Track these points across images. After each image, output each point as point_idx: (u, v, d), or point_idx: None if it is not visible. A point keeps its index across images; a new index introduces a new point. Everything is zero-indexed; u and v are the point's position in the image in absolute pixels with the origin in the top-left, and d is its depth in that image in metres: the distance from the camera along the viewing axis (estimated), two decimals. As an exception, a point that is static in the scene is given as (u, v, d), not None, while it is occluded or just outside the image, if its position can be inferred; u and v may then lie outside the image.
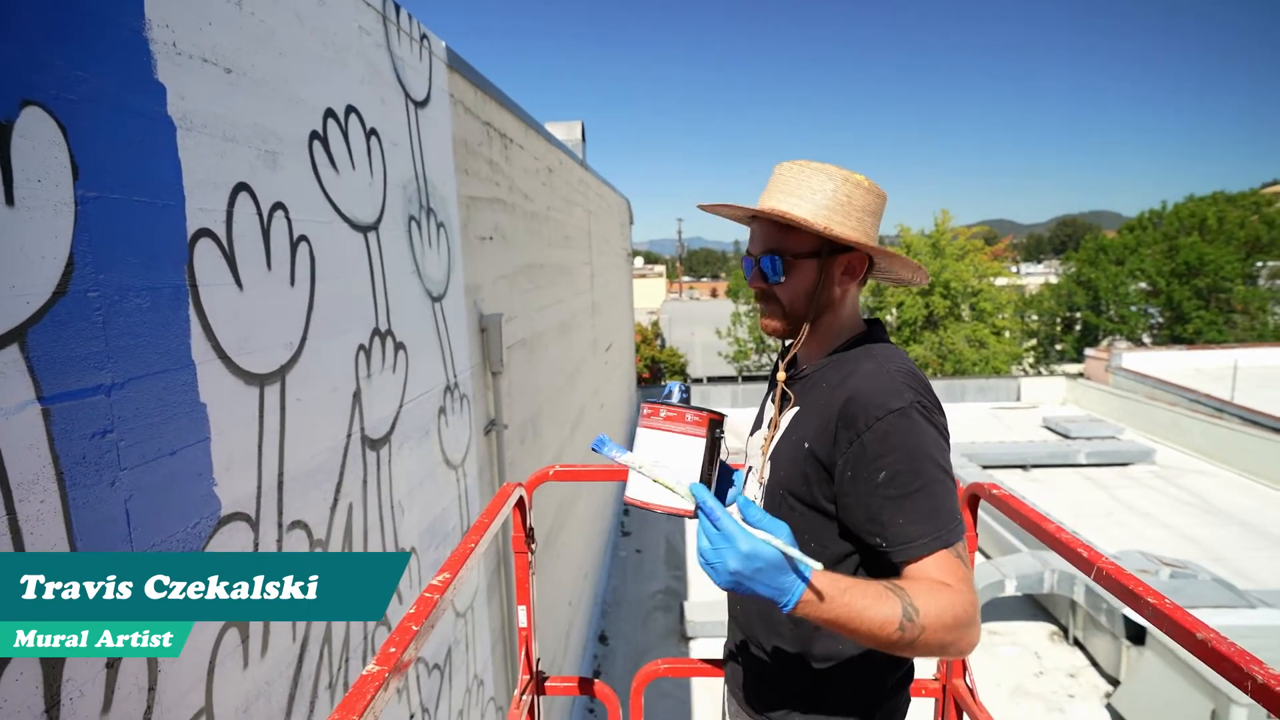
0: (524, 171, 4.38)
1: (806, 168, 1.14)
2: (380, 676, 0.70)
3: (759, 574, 0.84)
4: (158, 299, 1.21)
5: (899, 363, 1.07)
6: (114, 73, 1.13)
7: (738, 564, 0.84)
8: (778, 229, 1.13)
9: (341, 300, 1.90)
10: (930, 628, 0.88)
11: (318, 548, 1.76)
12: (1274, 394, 17.19)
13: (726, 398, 21.38)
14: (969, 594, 0.92)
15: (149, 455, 1.19)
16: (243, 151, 1.47)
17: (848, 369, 1.08)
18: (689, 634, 8.94)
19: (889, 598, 0.88)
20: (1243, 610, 7.65)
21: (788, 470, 1.10)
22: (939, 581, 0.93)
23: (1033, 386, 21.96)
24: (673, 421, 1.04)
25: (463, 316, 2.96)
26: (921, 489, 0.96)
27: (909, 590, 0.90)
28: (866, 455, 0.98)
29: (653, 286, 47.31)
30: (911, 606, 0.88)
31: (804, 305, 1.13)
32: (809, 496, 1.07)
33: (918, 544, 0.95)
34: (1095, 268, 28.42)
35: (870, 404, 0.99)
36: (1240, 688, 0.73)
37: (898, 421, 0.97)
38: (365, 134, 2.07)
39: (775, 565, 0.84)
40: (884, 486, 0.96)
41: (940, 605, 0.89)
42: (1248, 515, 12.43)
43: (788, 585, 0.85)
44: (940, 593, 0.91)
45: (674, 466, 1.02)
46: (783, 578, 0.85)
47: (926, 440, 0.98)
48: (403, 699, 2.25)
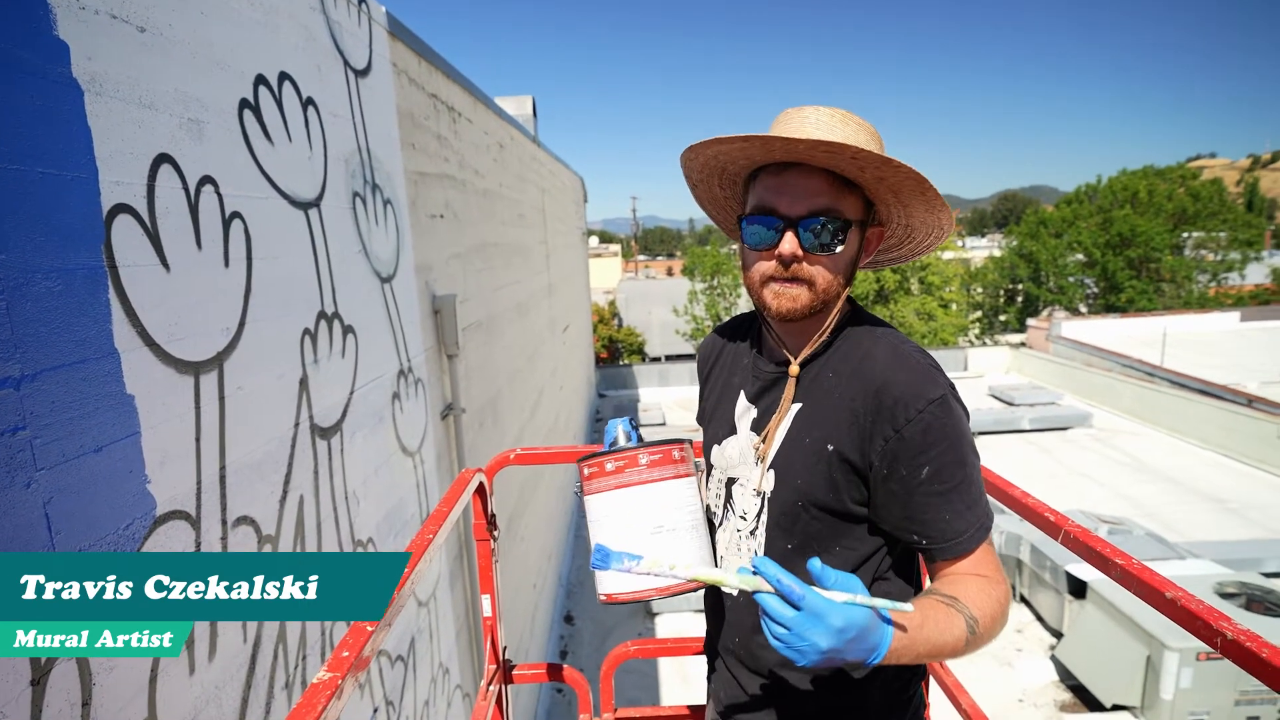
0: (474, 147, 4.23)
1: (849, 116, 0.93)
2: (333, 684, 0.64)
3: (852, 643, 0.75)
4: (70, 281, 1.10)
5: (911, 344, 0.97)
6: (3, 26, 1.01)
7: (831, 641, 0.73)
8: (832, 183, 0.91)
9: (283, 282, 1.79)
10: (985, 631, 0.86)
11: (267, 543, 1.67)
12: (1199, 358, 18.23)
13: (685, 375, 21.48)
14: (1005, 582, 0.90)
15: (70, 453, 1.09)
16: (163, 120, 1.34)
17: (857, 354, 0.96)
18: (654, 609, 9.03)
19: (954, 616, 0.84)
20: (1173, 561, 8.13)
21: (807, 479, 0.95)
22: (979, 575, 0.89)
23: (979, 356, 22.76)
24: (660, 466, 0.85)
25: (414, 298, 2.85)
26: (964, 480, 0.90)
27: (961, 598, 0.86)
28: (907, 451, 0.88)
29: (608, 266, 47.04)
30: (972, 619, 0.85)
31: (841, 285, 0.96)
32: (837, 504, 0.94)
33: (964, 539, 0.89)
34: (1036, 241, 29.46)
35: (908, 395, 0.89)
36: (1210, 644, 0.73)
37: (939, 412, 0.88)
38: (301, 104, 1.94)
39: (868, 627, 0.76)
40: (928, 483, 0.89)
41: (991, 607, 0.87)
42: (1176, 473, 13.21)
43: (878, 640, 0.77)
44: (987, 591, 0.88)
45: (679, 526, 0.85)
46: (874, 635, 0.77)
47: (964, 427, 0.91)
48: (364, 695, 2.18)
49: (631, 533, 0.83)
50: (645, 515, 0.83)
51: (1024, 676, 7.85)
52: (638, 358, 26.50)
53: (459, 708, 3.26)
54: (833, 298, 0.96)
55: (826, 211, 0.90)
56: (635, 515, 0.83)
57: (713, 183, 1.09)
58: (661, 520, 0.83)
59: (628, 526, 0.84)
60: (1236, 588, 7.35)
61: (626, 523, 0.84)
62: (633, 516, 0.83)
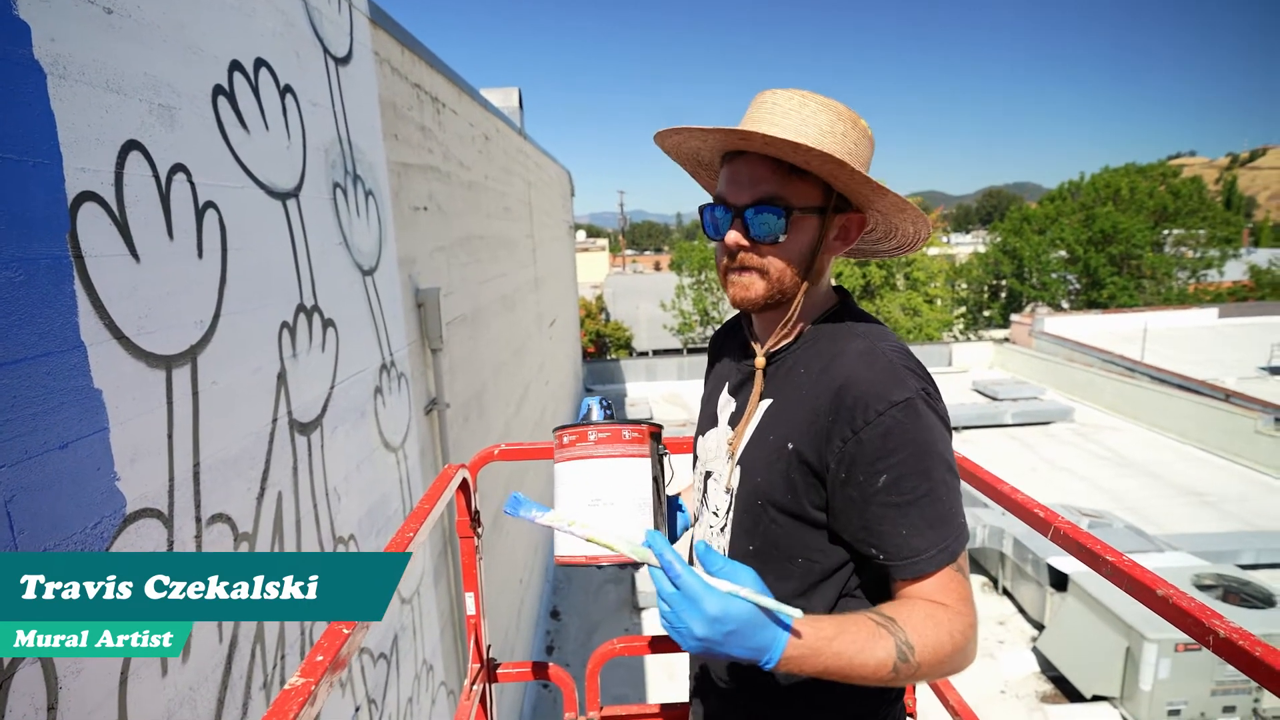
0: (459, 138, 4.17)
1: (809, 98, 0.89)
2: (306, 690, 0.62)
3: (732, 637, 0.72)
4: (32, 271, 1.06)
5: (892, 341, 0.90)
6: (-42, 4, 0.97)
7: (705, 629, 0.72)
8: (776, 171, 0.88)
9: (259, 274, 1.74)
10: (925, 664, 0.78)
11: (243, 541, 1.63)
12: (1179, 353, 18.51)
13: (673, 370, 21.51)
14: (968, 615, 0.81)
15: (33, 449, 1.05)
16: (132, 105, 1.30)
17: (831, 350, 0.91)
18: (640, 604, 9.04)
19: (882, 637, 0.77)
20: (1152, 554, 8.27)
21: (766, 477, 0.91)
22: (935, 603, 0.81)
23: (963, 352, 22.98)
24: (607, 444, 0.87)
25: (397, 291, 2.80)
26: (927, 494, 0.82)
27: (901, 622, 0.79)
28: (865, 456, 0.82)
29: (596, 260, 46.92)
30: (906, 645, 0.77)
31: (797, 274, 0.91)
32: (795, 506, 0.89)
33: (922, 560, 0.81)
34: (1019, 237, 29.74)
35: (869, 395, 0.83)
36: (1202, 642, 0.73)
37: (901, 416, 0.81)
38: (279, 91, 1.89)
39: (751, 623, 0.72)
40: (884, 493, 0.82)
41: (938, 637, 0.78)
42: (1155, 467, 13.42)
43: (767, 642, 0.73)
44: (938, 619, 0.79)
45: (618, 501, 0.86)
46: (760, 635, 0.73)
47: (934, 436, 0.83)
48: (346, 693, 2.15)
49: (571, 502, 0.88)
50: (585, 488, 0.87)
51: (1006, 668, 7.95)
52: (625, 352, 26.48)
53: (443, 705, 3.23)
54: (790, 287, 0.92)
55: (770, 199, 0.88)
56: (577, 486, 0.87)
57: (697, 169, 1.08)
58: (600, 494, 0.86)
59: (569, 496, 0.89)
60: (1213, 580, 7.48)
61: (569, 492, 0.89)
62: (575, 487, 0.88)
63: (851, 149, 0.89)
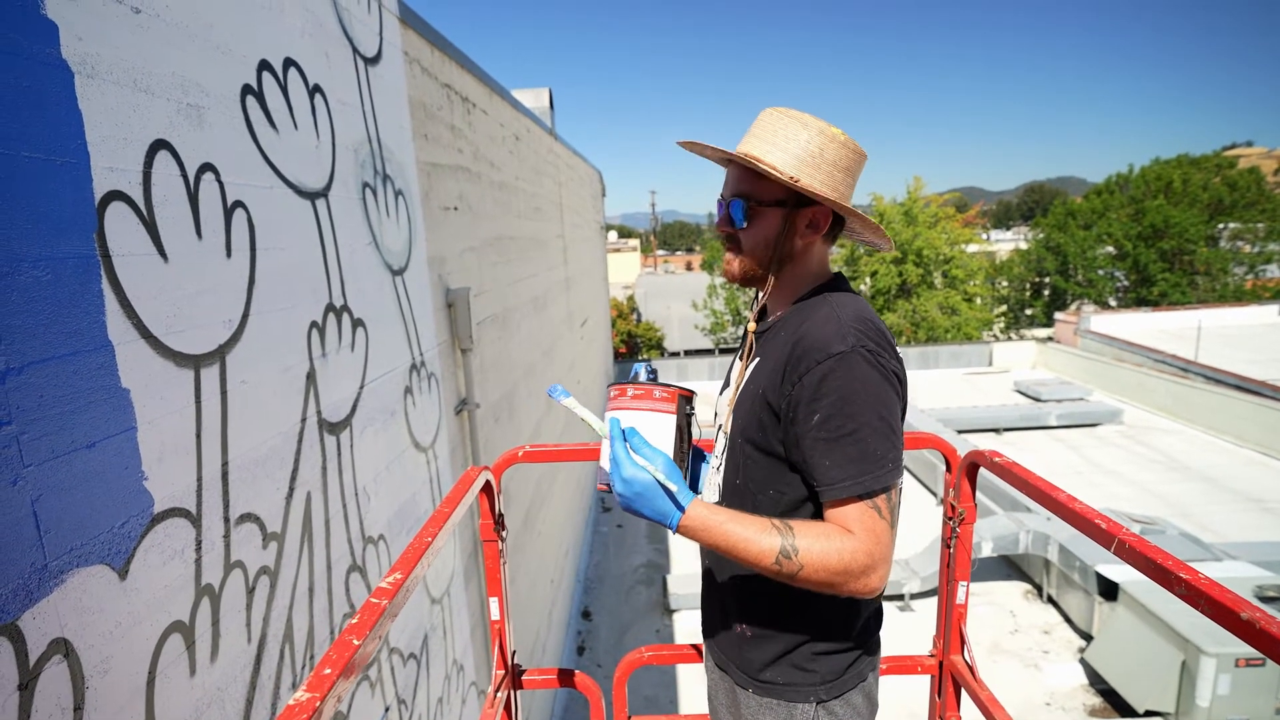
0: (489, 139, 4.18)
1: (786, 116, 1.11)
2: (311, 705, 0.58)
3: (639, 498, 0.98)
4: (60, 271, 1.06)
5: (854, 309, 1.07)
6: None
7: (621, 487, 0.98)
8: (748, 174, 1.12)
9: (288, 273, 1.75)
10: (809, 566, 0.95)
11: (273, 540, 1.63)
12: (1236, 353, 17.68)
13: (704, 370, 21.38)
14: (868, 544, 0.96)
15: (60, 449, 1.05)
16: (160, 105, 1.30)
17: (803, 317, 1.09)
18: (671, 606, 8.98)
19: (770, 534, 0.97)
20: (1209, 564, 7.88)
21: (745, 419, 1.11)
22: (841, 528, 0.98)
23: (1004, 351, 22.32)
24: (640, 399, 1.05)
25: (427, 291, 2.80)
26: (851, 434, 0.97)
27: (798, 529, 0.97)
28: (804, 398, 1.00)
29: (627, 260, 46.99)
30: (791, 546, 0.96)
31: (765, 254, 1.13)
32: (764, 443, 1.08)
33: (838, 487, 0.98)
34: (1063, 233, 28.79)
35: (813, 348, 1.01)
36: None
37: (836, 365, 0.98)
38: (308, 91, 1.89)
39: (653, 491, 0.97)
40: (816, 429, 0.99)
41: (826, 550, 0.95)
42: (1211, 471, 12.82)
43: (668, 510, 0.98)
44: (833, 537, 0.97)
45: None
46: (662, 503, 0.98)
47: (865, 385, 0.98)
48: (376, 693, 2.15)
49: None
50: None
51: (1051, 679, 7.67)
52: (656, 353, 26.41)
53: (473, 705, 3.23)
54: (761, 264, 1.13)
55: (741, 195, 1.12)
56: None
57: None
58: None
59: None
60: (1277, 591, 7.10)
61: None
62: None
63: (815, 154, 1.08)
